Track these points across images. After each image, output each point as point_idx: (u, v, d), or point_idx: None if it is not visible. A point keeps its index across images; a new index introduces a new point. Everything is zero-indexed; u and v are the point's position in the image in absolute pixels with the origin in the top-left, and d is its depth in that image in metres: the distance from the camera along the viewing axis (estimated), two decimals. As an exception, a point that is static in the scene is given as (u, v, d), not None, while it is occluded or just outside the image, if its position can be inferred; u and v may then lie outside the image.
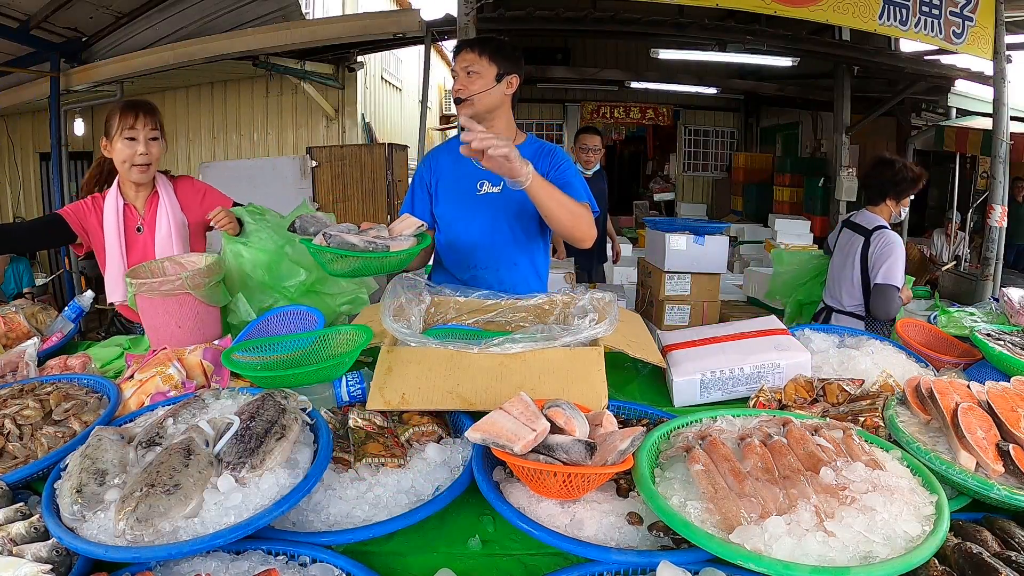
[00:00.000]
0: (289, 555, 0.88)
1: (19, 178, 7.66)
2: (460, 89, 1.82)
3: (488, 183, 1.88)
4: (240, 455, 0.95)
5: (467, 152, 1.45)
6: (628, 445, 0.98)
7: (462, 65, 1.82)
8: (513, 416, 1.00)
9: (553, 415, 1.03)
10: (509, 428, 0.97)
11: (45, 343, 1.81)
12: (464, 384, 1.24)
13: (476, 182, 1.89)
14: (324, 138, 7.16)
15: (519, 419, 1.00)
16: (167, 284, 1.61)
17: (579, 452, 0.96)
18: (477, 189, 1.89)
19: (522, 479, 1.01)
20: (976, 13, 4.21)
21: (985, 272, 4.49)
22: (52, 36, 5.66)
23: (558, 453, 0.96)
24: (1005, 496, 0.94)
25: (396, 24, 5.28)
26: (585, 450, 0.96)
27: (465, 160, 1.72)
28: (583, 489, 0.98)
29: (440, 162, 1.96)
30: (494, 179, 1.86)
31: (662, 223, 4.04)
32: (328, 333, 1.52)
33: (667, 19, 5.06)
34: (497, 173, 1.53)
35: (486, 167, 1.50)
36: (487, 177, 1.86)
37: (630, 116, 9.14)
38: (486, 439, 0.97)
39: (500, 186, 1.87)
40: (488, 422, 1.00)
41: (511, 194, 1.81)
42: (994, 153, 4.41)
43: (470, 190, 1.89)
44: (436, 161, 1.97)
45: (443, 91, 13.48)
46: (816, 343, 1.67)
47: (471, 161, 1.70)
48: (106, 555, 0.82)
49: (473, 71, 1.80)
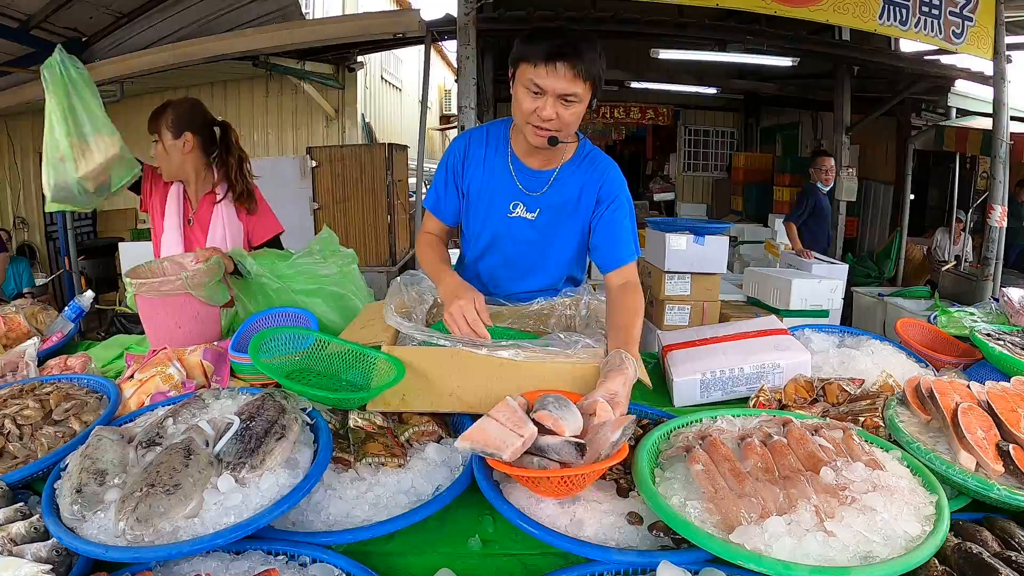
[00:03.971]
0: (289, 555, 0.88)
1: (19, 178, 7.65)
2: (551, 120, 1.38)
3: (523, 206, 1.59)
4: (240, 455, 0.95)
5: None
6: (620, 435, 0.98)
7: (560, 88, 1.34)
8: (500, 422, 1.00)
9: (541, 418, 1.02)
10: (497, 435, 0.97)
11: (45, 343, 1.81)
12: (465, 386, 1.24)
13: (510, 202, 1.60)
14: (324, 138, 7.16)
15: (506, 425, 0.99)
16: (167, 284, 1.61)
17: (570, 453, 0.97)
18: (510, 211, 1.61)
19: (520, 482, 1.01)
20: (976, 13, 4.21)
21: (985, 272, 4.49)
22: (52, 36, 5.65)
23: (550, 454, 0.96)
24: (1005, 496, 0.94)
25: (396, 24, 5.27)
26: (575, 451, 0.97)
27: (502, 168, 1.56)
28: (580, 486, 0.98)
29: (473, 161, 1.61)
30: (531, 204, 1.59)
31: (662, 223, 4.03)
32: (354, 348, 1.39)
33: (667, 19, 5.05)
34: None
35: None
36: (523, 200, 1.59)
37: (630, 116, 9.13)
38: (475, 448, 0.97)
39: (536, 213, 1.59)
40: (477, 430, 0.99)
41: (547, 223, 1.59)
42: (994, 153, 4.41)
43: (501, 209, 1.61)
44: (470, 157, 1.62)
45: (443, 91, 13.48)
46: (816, 343, 1.67)
47: (508, 170, 1.57)
48: (106, 555, 0.82)
49: (571, 99, 1.37)
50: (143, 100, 7.50)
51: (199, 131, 1.96)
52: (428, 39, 5.13)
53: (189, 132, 1.93)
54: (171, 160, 1.96)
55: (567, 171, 1.58)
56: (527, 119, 1.41)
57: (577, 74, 1.33)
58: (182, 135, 1.93)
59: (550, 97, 1.36)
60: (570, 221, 1.61)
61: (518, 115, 1.44)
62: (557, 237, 1.63)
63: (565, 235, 1.62)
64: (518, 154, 1.59)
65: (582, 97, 1.38)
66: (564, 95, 1.36)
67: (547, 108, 1.37)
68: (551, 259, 1.67)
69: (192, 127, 1.94)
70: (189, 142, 1.94)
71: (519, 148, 1.59)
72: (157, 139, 1.95)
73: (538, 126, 1.41)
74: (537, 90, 1.36)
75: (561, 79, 1.33)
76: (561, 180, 1.58)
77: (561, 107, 1.37)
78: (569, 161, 1.58)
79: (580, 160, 1.59)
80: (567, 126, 1.42)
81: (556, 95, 1.36)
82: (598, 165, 1.58)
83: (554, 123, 1.40)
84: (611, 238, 1.56)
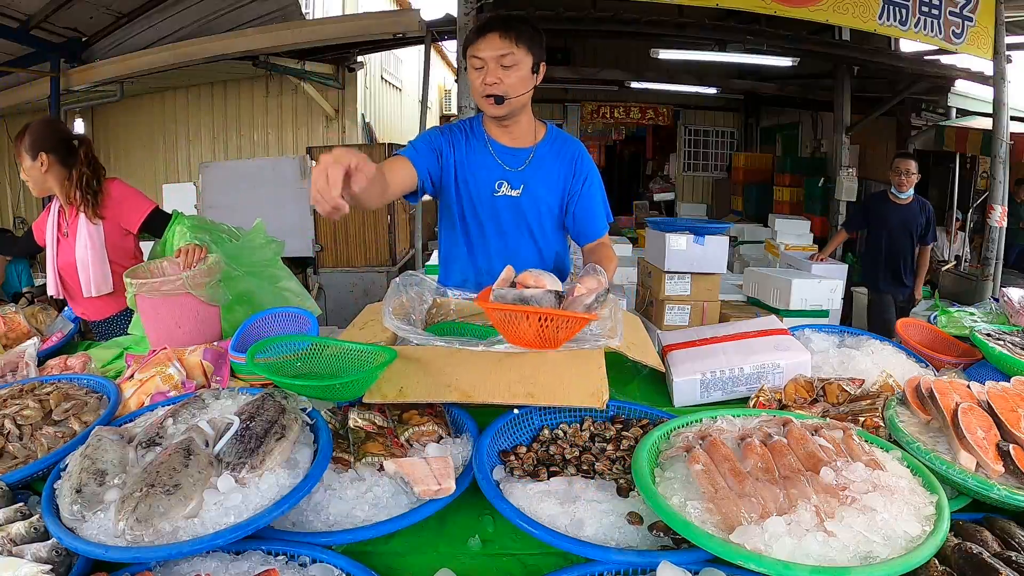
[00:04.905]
0: (289, 555, 0.88)
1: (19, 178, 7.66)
2: (494, 84, 1.55)
3: (507, 184, 1.71)
4: (240, 455, 0.95)
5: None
6: (593, 300, 1.18)
7: (493, 53, 1.52)
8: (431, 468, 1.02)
9: (523, 279, 1.22)
10: (421, 473, 1.00)
11: (45, 343, 1.81)
12: (463, 377, 1.23)
13: (495, 182, 1.71)
14: (324, 138, 7.17)
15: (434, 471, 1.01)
16: (168, 284, 1.61)
17: (549, 301, 1.16)
18: (495, 190, 1.71)
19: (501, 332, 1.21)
20: (976, 13, 4.21)
21: (985, 272, 4.50)
22: (52, 36, 5.66)
23: (532, 303, 1.15)
24: (1005, 496, 0.94)
25: (396, 24, 5.28)
26: (555, 299, 1.16)
27: (483, 152, 1.66)
28: (555, 340, 1.16)
29: (458, 146, 1.71)
30: (514, 181, 1.70)
31: (662, 223, 4.04)
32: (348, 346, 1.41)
33: (667, 19, 5.06)
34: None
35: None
36: (507, 178, 1.71)
37: (630, 116, 9.14)
38: (398, 473, 1.01)
39: (520, 189, 1.71)
40: (408, 463, 1.03)
41: (531, 198, 1.70)
42: (994, 153, 4.41)
43: (487, 190, 1.71)
44: (455, 141, 1.71)
45: (443, 91, 13.48)
46: (816, 343, 1.67)
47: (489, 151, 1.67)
48: (106, 555, 0.82)
49: (508, 62, 1.53)
50: (143, 100, 7.53)
51: (53, 150, 2.07)
52: (428, 39, 5.14)
53: (43, 153, 2.06)
54: (33, 180, 2.11)
55: (543, 148, 1.72)
56: (479, 92, 1.58)
57: (507, 37, 1.51)
58: (38, 156, 2.06)
59: (489, 63, 1.54)
60: (550, 196, 1.75)
61: (473, 95, 1.62)
62: (540, 212, 1.75)
63: (546, 210, 1.74)
64: (492, 136, 1.72)
65: (520, 60, 1.54)
66: (499, 57, 1.53)
67: (488, 75, 1.55)
68: (538, 234, 1.78)
69: (46, 147, 2.06)
70: (45, 162, 2.06)
71: (492, 131, 1.73)
72: (21, 161, 2.08)
73: (487, 95, 1.57)
74: (479, 63, 1.55)
75: (493, 45, 1.52)
76: (539, 155, 1.73)
77: (502, 71, 1.54)
78: (543, 140, 1.74)
79: (553, 140, 1.76)
80: (511, 87, 1.56)
81: (494, 60, 1.53)
82: (568, 143, 1.77)
83: (499, 87, 1.55)
84: (589, 214, 1.75)
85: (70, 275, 2.13)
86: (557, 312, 1.16)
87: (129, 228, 2.17)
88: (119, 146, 7.75)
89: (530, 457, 1.13)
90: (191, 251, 1.79)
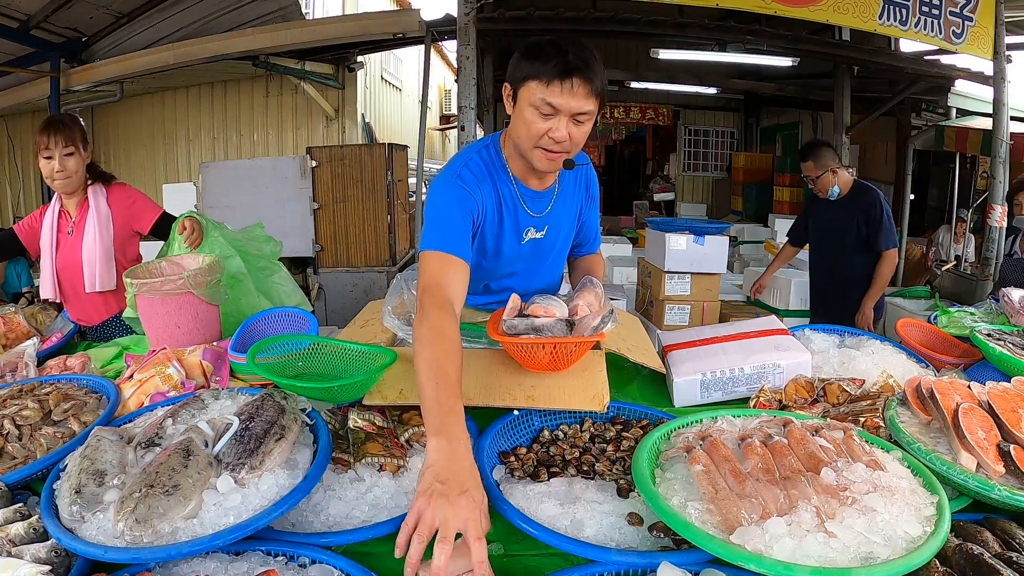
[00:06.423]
0: (288, 556, 0.88)
1: (19, 178, 7.66)
2: (563, 141, 1.28)
3: (533, 229, 1.53)
4: (239, 456, 0.95)
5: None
6: (600, 321, 1.24)
7: (574, 105, 1.24)
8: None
9: (533, 310, 1.29)
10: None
11: (45, 343, 1.81)
12: (463, 380, 1.23)
13: (523, 231, 1.51)
14: (324, 138, 7.17)
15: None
16: (168, 284, 1.61)
17: (561, 330, 1.24)
18: (523, 238, 1.52)
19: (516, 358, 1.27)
20: (976, 13, 4.21)
21: (985, 272, 4.49)
22: (52, 36, 5.66)
23: (545, 332, 1.23)
24: (1006, 496, 0.94)
25: (396, 24, 5.28)
26: (566, 327, 1.25)
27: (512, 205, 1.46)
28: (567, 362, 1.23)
29: (488, 210, 1.44)
30: (539, 225, 1.53)
31: (662, 223, 4.04)
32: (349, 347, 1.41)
33: (667, 19, 5.06)
34: None
35: None
36: (533, 224, 1.52)
37: (630, 116, 9.14)
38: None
39: (544, 231, 1.54)
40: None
41: (554, 235, 1.57)
42: (994, 153, 4.41)
43: (516, 240, 1.52)
44: (485, 205, 1.43)
45: (443, 91, 13.49)
46: (816, 343, 1.67)
47: (519, 205, 1.47)
48: (105, 556, 0.82)
49: (584, 118, 1.28)
50: (143, 100, 7.53)
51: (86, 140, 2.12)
52: (428, 39, 5.14)
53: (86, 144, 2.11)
54: (77, 172, 2.09)
55: (564, 180, 1.54)
56: (536, 142, 1.30)
57: (591, 91, 1.24)
58: (87, 148, 2.10)
59: (564, 116, 1.25)
60: (568, 228, 1.62)
61: (525, 139, 1.31)
62: (557, 245, 1.62)
63: (563, 242, 1.64)
64: (519, 177, 1.47)
65: (594, 115, 1.30)
66: (578, 114, 1.26)
67: (560, 129, 1.26)
68: (553, 262, 1.66)
69: (86, 138, 2.11)
70: (87, 154, 2.11)
71: (517, 170, 1.46)
72: (72, 151, 2.05)
73: (549, 149, 1.30)
74: (550, 111, 1.25)
75: (576, 96, 1.23)
76: (562, 190, 1.55)
77: (573, 126, 1.28)
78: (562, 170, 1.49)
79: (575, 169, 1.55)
80: (577, 147, 1.33)
81: (570, 114, 1.26)
82: (579, 164, 1.53)
83: (566, 144, 1.29)
84: (592, 233, 1.72)
85: (70, 275, 2.13)
86: (570, 340, 1.23)
87: (140, 229, 2.19)
88: (119, 146, 7.75)
89: (530, 458, 1.13)
90: (191, 225, 1.89)
